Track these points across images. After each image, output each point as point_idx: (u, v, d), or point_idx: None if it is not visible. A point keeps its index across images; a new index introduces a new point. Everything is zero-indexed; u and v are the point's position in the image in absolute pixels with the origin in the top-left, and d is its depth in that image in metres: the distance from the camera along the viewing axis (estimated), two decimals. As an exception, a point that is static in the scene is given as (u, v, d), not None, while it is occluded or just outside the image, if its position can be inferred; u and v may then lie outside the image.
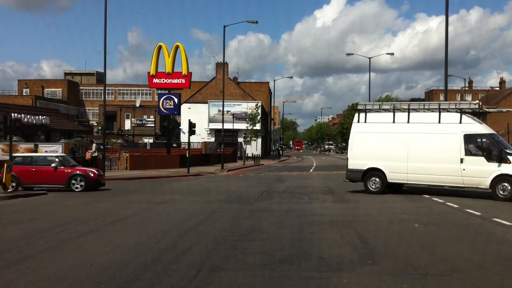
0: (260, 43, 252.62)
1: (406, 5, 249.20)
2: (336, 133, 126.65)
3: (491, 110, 25.13)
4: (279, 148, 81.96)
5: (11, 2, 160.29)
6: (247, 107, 55.57)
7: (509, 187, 14.01)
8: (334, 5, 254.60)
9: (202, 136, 54.09)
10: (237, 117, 51.98)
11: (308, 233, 9.02)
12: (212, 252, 7.33)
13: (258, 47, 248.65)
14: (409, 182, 16.17)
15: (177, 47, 38.33)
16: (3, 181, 15.83)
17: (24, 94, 70.67)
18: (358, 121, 16.70)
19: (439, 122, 15.18)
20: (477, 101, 16.37)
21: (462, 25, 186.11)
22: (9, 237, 8.84)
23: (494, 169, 14.23)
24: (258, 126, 49.63)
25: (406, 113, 15.85)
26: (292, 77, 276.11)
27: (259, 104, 57.88)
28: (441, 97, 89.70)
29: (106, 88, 29.75)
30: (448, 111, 15.26)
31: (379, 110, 16.66)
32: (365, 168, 16.19)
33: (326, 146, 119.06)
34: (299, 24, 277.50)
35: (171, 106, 39.10)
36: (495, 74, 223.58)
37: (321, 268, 6.42)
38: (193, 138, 36.18)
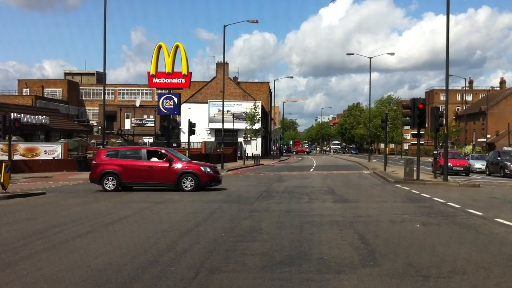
0: (266, 43, 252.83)
1: (414, 4, 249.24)
2: (336, 133, 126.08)
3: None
4: (279, 148, 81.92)
5: (19, 2, 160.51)
6: (247, 107, 55.47)
7: None
8: (340, 4, 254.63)
9: (202, 136, 54.06)
10: (237, 117, 51.96)
11: (308, 234, 8.93)
12: (211, 253, 7.25)
13: (264, 46, 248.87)
14: None
15: (177, 46, 38.24)
16: (1, 181, 15.72)
17: (24, 94, 70.67)
18: None
19: None
20: None
21: (470, 24, 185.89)
22: (5, 237, 8.72)
23: None
24: (257, 126, 49.58)
25: None
26: (292, 77, 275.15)
27: (258, 103, 57.77)
28: (442, 97, 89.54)
29: (106, 88, 29.67)
30: None
31: None
32: None
33: (332, 146, 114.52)
34: (305, 23, 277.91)
35: (171, 106, 38.97)
36: (500, 73, 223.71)
37: (321, 270, 6.33)
38: (193, 138, 36.18)
